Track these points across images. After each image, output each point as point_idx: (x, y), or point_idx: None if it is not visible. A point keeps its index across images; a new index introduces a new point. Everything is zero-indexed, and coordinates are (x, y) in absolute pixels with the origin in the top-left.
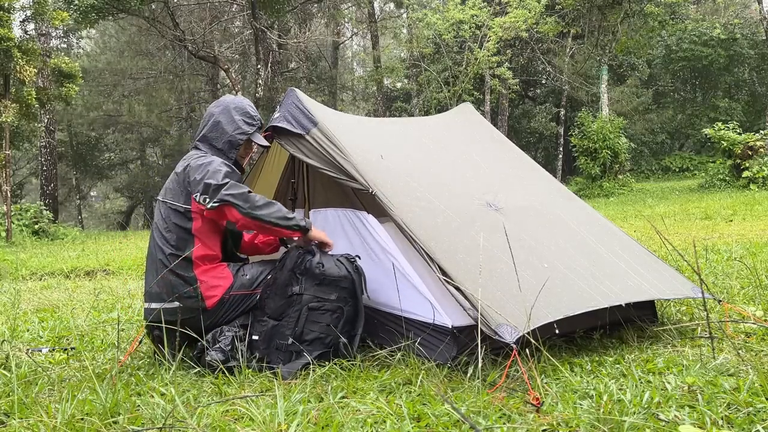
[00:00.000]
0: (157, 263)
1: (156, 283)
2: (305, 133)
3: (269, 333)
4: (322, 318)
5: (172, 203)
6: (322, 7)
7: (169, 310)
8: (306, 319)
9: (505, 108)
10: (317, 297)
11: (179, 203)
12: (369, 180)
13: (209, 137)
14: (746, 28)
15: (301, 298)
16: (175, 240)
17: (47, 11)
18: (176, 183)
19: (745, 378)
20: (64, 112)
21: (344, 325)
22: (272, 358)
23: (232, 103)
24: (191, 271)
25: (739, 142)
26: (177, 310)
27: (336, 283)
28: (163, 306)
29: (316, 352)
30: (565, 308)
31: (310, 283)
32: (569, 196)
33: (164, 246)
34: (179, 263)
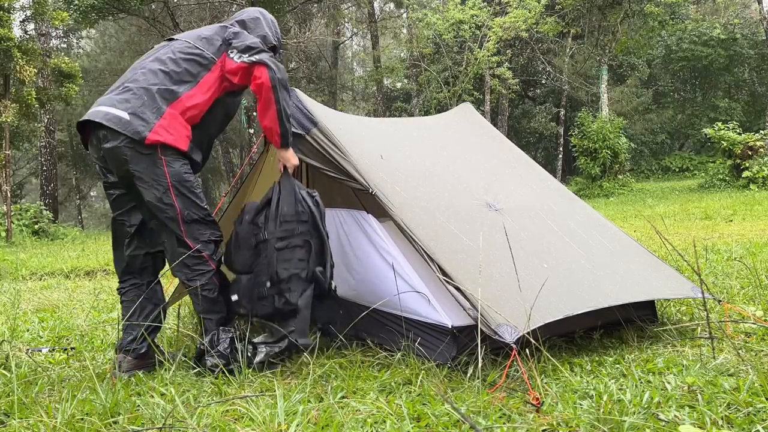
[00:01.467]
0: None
1: (122, 91)
2: (305, 133)
3: (246, 287)
4: (292, 255)
5: (197, 46)
6: (322, 7)
7: (107, 114)
8: (276, 260)
9: (505, 108)
10: (281, 237)
11: (206, 50)
12: (369, 180)
13: (248, 24)
14: (746, 28)
15: (267, 244)
16: (177, 77)
17: (47, 11)
18: (212, 35)
19: (745, 378)
20: (64, 112)
21: (314, 259)
22: (258, 310)
23: (270, 16)
24: (167, 104)
25: (739, 142)
26: (114, 118)
27: (297, 218)
28: (108, 110)
29: (297, 291)
30: (565, 308)
31: (273, 227)
32: (569, 196)
33: (161, 75)
34: (163, 92)
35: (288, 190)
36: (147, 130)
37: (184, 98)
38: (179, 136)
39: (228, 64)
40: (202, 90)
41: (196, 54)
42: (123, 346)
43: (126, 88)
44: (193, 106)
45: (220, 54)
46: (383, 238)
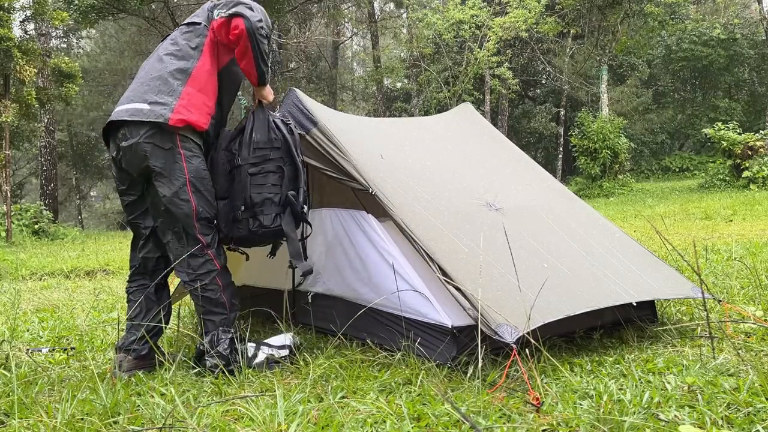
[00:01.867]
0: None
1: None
2: (305, 133)
3: (223, 212)
4: (265, 180)
5: (190, 22)
6: (322, 7)
7: (128, 110)
8: (249, 184)
9: (505, 108)
10: (254, 163)
11: (195, 19)
12: (369, 180)
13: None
14: (746, 28)
15: (241, 169)
16: (181, 54)
17: (47, 11)
18: (201, 10)
19: (745, 378)
20: (64, 112)
21: (287, 184)
22: (233, 233)
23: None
24: (183, 83)
25: (739, 142)
26: (136, 111)
27: (270, 145)
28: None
29: (270, 214)
30: (565, 308)
31: (246, 153)
32: (569, 196)
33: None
34: (174, 73)
35: (261, 119)
36: (169, 111)
37: (195, 72)
38: (201, 114)
39: (213, 24)
40: (207, 57)
41: (189, 30)
42: (124, 346)
43: (139, 83)
44: (207, 75)
45: (209, 20)
46: (383, 238)
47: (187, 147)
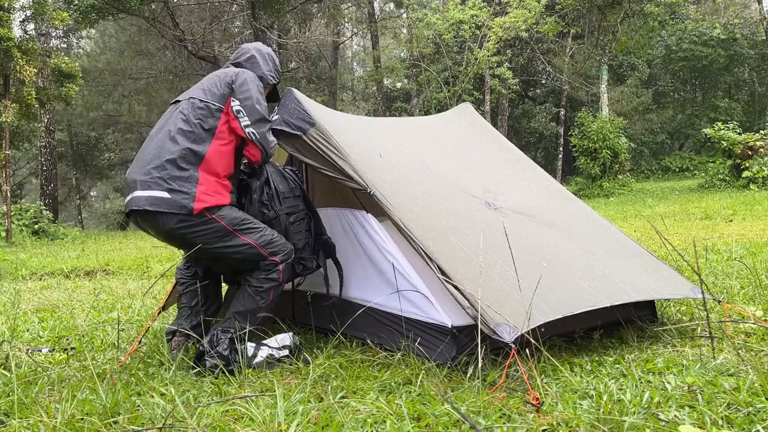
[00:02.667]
0: (157, 154)
1: (151, 170)
2: (302, 133)
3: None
4: (300, 226)
5: (203, 99)
6: (322, 7)
7: (149, 198)
8: (290, 232)
9: (505, 108)
10: (288, 213)
11: (210, 100)
12: (367, 180)
13: (244, 65)
14: (746, 28)
15: (279, 219)
16: (194, 136)
17: (47, 11)
18: (212, 85)
19: (745, 378)
20: (64, 112)
21: (313, 227)
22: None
23: (267, 49)
24: (197, 168)
25: (739, 142)
26: (157, 200)
27: (293, 194)
28: (147, 194)
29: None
30: (564, 308)
31: (278, 204)
32: (568, 197)
33: (179, 138)
34: (188, 156)
35: (274, 170)
36: (191, 200)
37: (210, 155)
38: (221, 195)
39: (234, 122)
40: (221, 142)
41: (203, 108)
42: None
43: (153, 164)
44: (221, 155)
45: (224, 100)
46: (383, 237)
47: (214, 210)
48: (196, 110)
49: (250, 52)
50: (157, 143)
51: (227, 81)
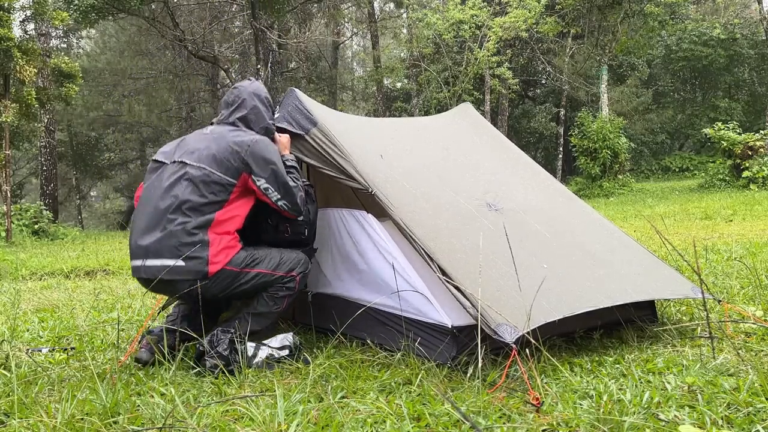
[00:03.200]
0: (164, 219)
1: (161, 238)
2: (305, 133)
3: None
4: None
5: (214, 172)
6: (322, 7)
7: (164, 267)
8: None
9: (505, 108)
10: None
11: (223, 174)
12: (368, 180)
13: (249, 119)
14: (746, 28)
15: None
16: (202, 205)
17: (47, 11)
18: (225, 155)
19: (745, 378)
20: (64, 112)
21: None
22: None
23: (264, 92)
24: (206, 232)
25: (739, 142)
26: (172, 268)
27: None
28: (160, 263)
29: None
30: (565, 308)
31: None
32: (569, 197)
33: (188, 211)
34: (199, 224)
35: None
36: (205, 264)
37: (219, 219)
38: (232, 249)
39: (261, 196)
40: (231, 208)
41: (215, 181)
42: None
43: (162, 233)
44: (230, 219)
45: (238, 175)
46: (383, 237)
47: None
48: (210, 185)
49: (252, 101)
50: (162, 210)
51: (242, 156)
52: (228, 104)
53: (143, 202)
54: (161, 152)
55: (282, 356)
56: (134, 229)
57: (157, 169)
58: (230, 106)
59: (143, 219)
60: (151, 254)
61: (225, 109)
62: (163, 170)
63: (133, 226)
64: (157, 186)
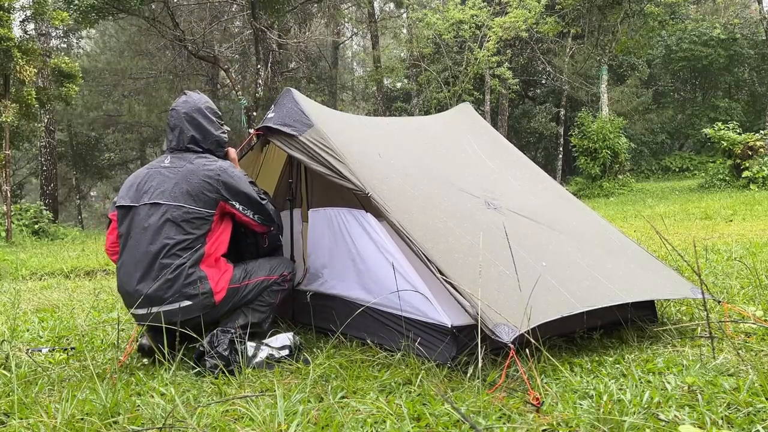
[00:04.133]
0: (157, 265)
1: (162, 285)
2: (299, 134)
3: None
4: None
5: (192, 208)
6: (322, 7)
7: (173, 311)
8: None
9: (505, 108)
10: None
11: (201, 208)
12: (364, 181)
13: (197, 139)
14: (746, 28)
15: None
16: (191, 242)
17: (47, 11)
18: (198, 189)
19: (745, 378)
20: (64, 112)
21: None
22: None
23: (201, 102)
24: (199, 269)
25: (739, 142)
26: (180, 310)
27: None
28: (168, 308)
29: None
30: (563, 307)
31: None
32: (567, 197)
33: (179, 252)
34: (193, 262)
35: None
36: (211, 297)
37: (208, 249)
38: (228, 274)
39: (240, 216)
40: (215, 236)
41: (196, 217)
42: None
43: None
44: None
45: (216, 205)
46: (382, 237)
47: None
48: (192, 221)
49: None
50: (153, 254)
51: (214, 186)
52: (171, 128)
53: (130, 250)
54: (123, 197)
55: (282, 356)
56: (126, 276)
57: (127, 214)
58: (174, 130)
59: (136, 266)
60: (155, 302)
61: (170, 134)
62: (136, 213)
63: (122, 272)
64: (140, 231)
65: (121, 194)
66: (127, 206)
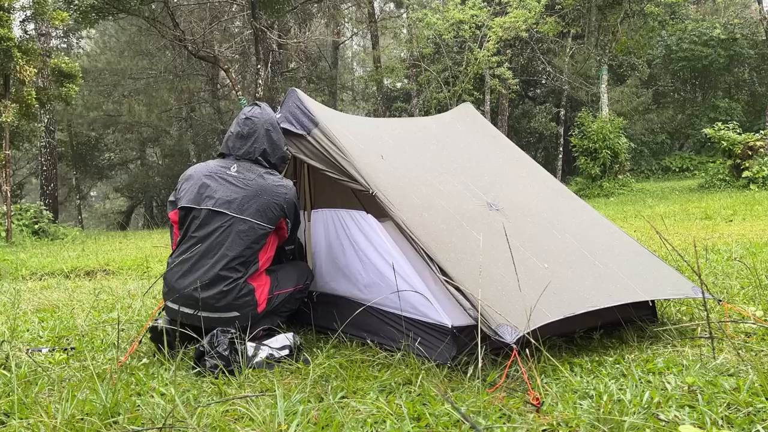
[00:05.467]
0: (208, 272)
1: (215, 294)
2: (306, 133)
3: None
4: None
5: (259, 223)
6: (322, 7)
7: (225, 319)
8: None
9: (505, 108)
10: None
11: (266, 224)
12: (369, 180)
13: (267, 153)
14: (746, 28)
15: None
16: (250, 255)
17: (47, 11)
18: (266, 207)
19: (745, 378)
20: (64, 112)
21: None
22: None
23: (273, 116)
24: (248, 282)
25: (739, 142)
26: (227, 320)
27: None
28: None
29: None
30: (565, 308)
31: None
32: (569, 196)
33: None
34: (248, 274)
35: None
36: (256, 308)
37: (261, 265)
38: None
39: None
40: (268, 250)
41: (261, 234)
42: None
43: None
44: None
45: (277, 222)
46: (383, 238)
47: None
48: (257, 237)
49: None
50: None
51: (281, 205)
52: (243, 137)
53: (187, 251)
54: (184, 198)
55: (282, 356)
56: (178, 275)
57: (188, 215)
58: (245, 139)
59: (192, 269)
60: (205, 307)
61: (239, 141)
62: (195, 216)
63: (176, 269)
64: (200, 236)
65: (181, 194)
66: (188, 208)
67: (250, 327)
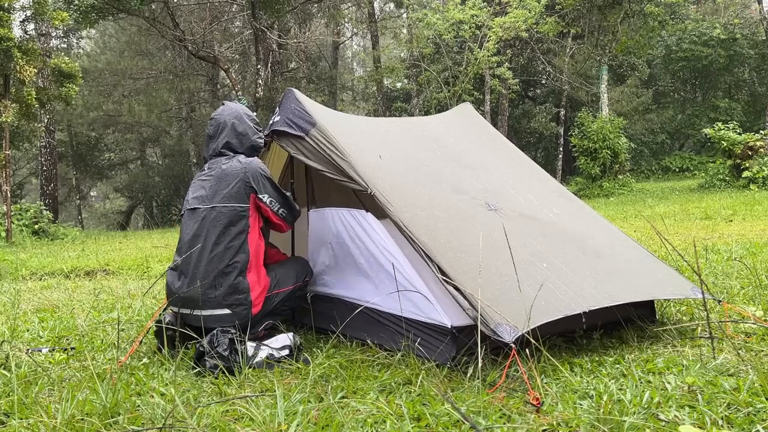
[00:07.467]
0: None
1: (207, 290)
2: (304, 134)
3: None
4: None
5: (235, 205)
6: (322, 7)
7: (218, 317)
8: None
9: (505, 108)
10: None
11: (234, 203)
12: (367, 180)
13: (232, 144)
14: (746, 28)
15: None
16: (234, 243)
17: (47, 11)
18: (234, 188)
19: (745, 378)
20: (64, 112)
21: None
22: None
23: (239, 109)
24: (244, 276)
25: (739, 142)
26: (225, 317)
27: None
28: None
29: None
30: (564, 308)
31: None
32: (568, 197)
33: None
34: (240, 267)
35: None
36: (249, 308)
37: (252, 256)
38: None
39: (266, 210)
40: (253, 233)
41: (234, 214)
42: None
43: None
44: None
45: (248, 198)
46: (383, 237)
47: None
48: (231, 218)
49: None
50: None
51: (244, 180)
52: (210, 137)
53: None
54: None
55: (282, 356)
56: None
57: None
58: (214, 138)
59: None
60: (201, 304)
61: (209, 141)
62: (183, 223)
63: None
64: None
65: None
66: (180, 216)
67: (251, 327)
